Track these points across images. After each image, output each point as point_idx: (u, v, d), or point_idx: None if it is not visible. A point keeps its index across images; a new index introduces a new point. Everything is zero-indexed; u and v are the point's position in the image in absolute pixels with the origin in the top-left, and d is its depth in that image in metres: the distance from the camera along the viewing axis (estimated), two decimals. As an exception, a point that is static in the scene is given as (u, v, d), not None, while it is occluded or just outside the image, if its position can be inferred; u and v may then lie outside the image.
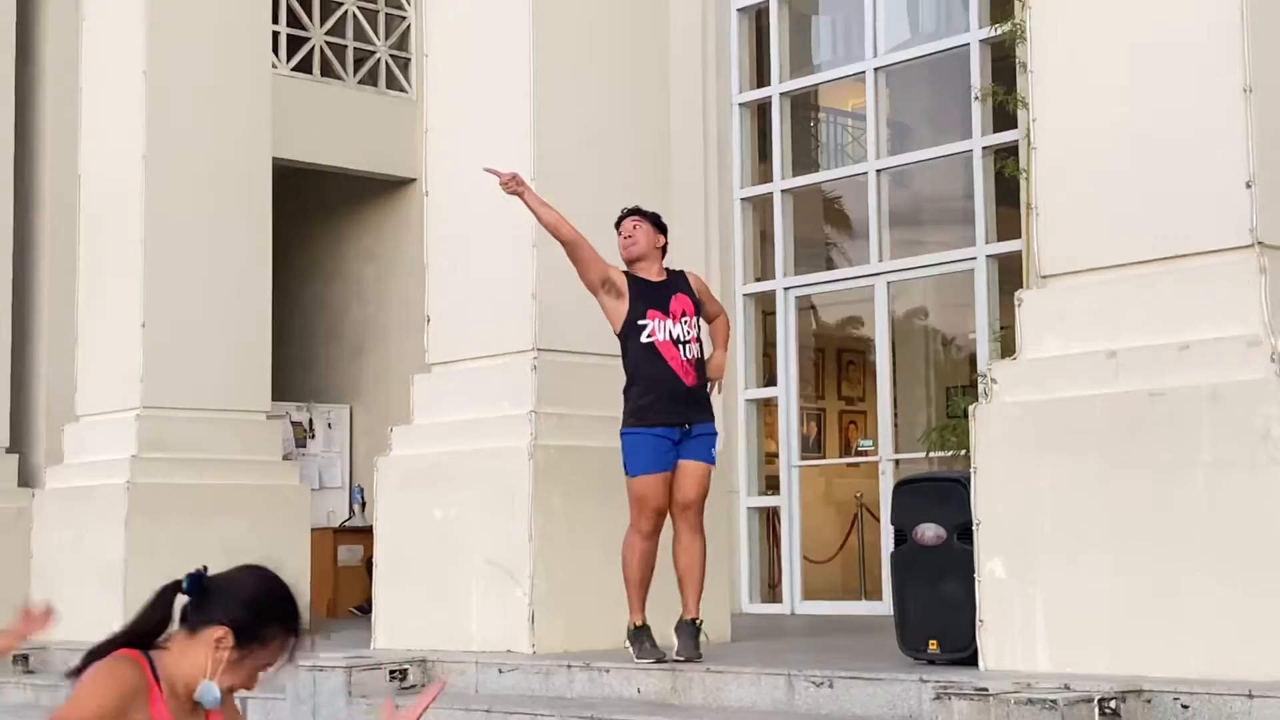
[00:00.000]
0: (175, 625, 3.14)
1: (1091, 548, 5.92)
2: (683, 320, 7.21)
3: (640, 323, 7.10)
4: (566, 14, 8.61)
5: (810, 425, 13.35)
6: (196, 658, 3.06)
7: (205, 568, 3.15)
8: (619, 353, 7.72)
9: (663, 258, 7.46)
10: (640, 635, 7.15)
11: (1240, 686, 5.26)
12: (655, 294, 7.16)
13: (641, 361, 7.12)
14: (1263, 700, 5.18)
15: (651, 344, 7.08)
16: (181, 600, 3.13)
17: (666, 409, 7.14)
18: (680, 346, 7.15)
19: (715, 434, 7.44)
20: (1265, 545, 5.48)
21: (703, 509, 7.36)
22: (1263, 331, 5.70)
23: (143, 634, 3.09)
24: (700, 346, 7.33)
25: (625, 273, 7.24)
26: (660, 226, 7.51)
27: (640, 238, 7.34)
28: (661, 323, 7.11)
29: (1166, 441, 5.77)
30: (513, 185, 7.28)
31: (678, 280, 7.39)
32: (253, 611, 3.10)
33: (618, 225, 7.39)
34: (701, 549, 7.31)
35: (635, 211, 7.47)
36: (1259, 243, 5.81)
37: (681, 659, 7.07)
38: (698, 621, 7.20)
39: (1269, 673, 5.38)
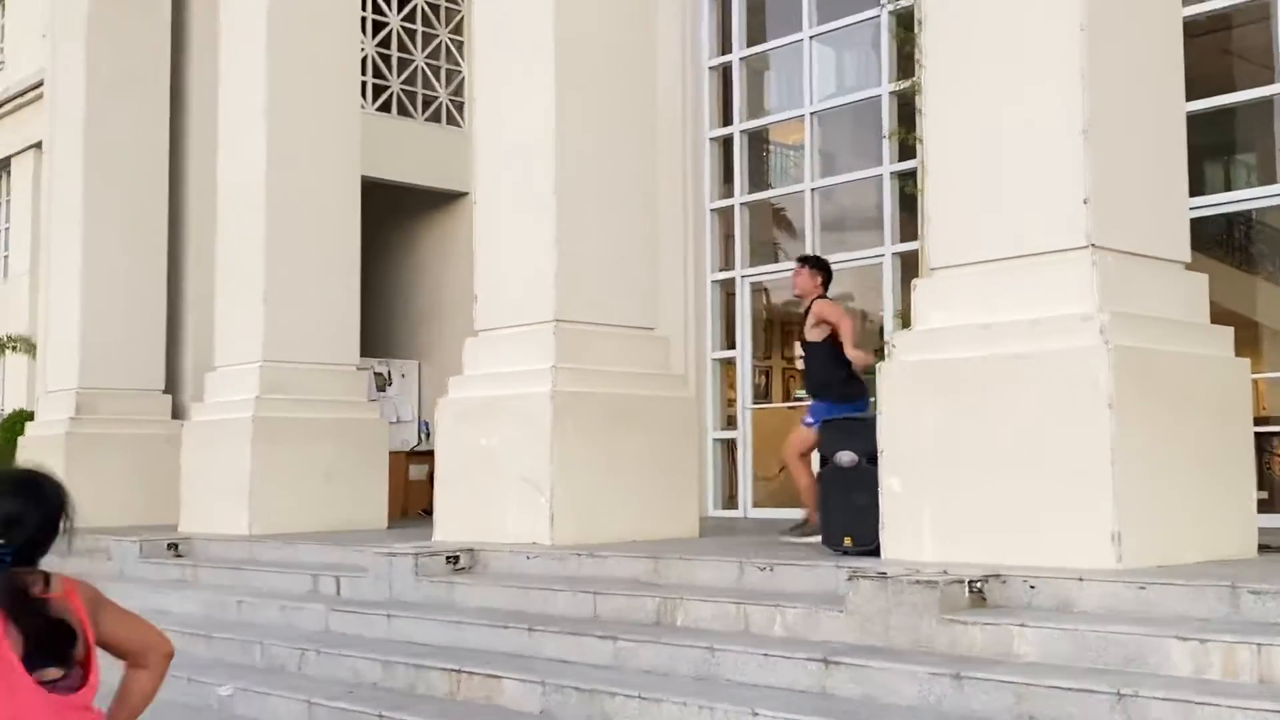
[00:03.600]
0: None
1: (964, 469, 5.91)
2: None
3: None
4: (579, 72, 8.53)
5: (760, 378, 13.30)
6: None
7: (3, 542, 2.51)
8: (619, 323, 8.50)
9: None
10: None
11: (1074, 573, 5.27)
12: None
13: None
14: (1090, 583, 5.19)
15: None
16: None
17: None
18: None
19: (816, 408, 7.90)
20: (1094, 465, 5.48)
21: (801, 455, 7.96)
22: (1094, 310, 5.69)
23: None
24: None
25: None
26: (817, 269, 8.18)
27: (798, 282, 8.19)
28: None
29: (1027, 389, 5.75)
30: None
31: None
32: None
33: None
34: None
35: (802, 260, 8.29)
36: (1092, 245, 5.79)
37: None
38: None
39: (1096, 563, 5.39)
